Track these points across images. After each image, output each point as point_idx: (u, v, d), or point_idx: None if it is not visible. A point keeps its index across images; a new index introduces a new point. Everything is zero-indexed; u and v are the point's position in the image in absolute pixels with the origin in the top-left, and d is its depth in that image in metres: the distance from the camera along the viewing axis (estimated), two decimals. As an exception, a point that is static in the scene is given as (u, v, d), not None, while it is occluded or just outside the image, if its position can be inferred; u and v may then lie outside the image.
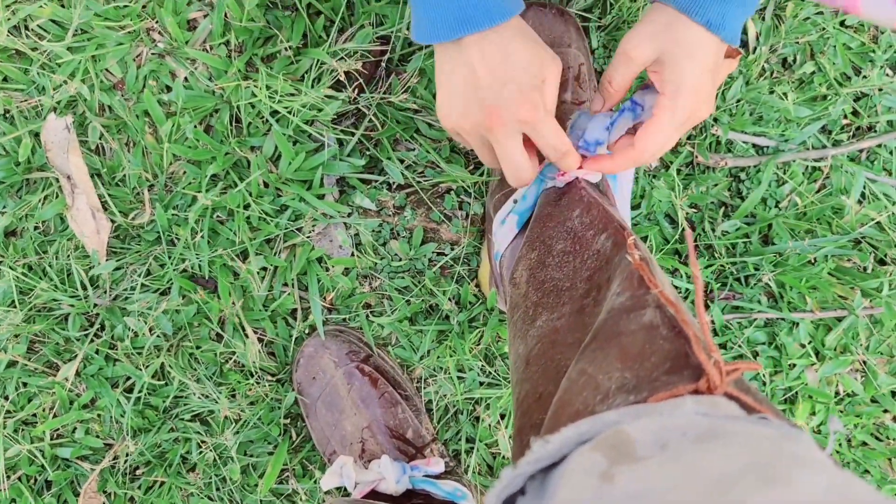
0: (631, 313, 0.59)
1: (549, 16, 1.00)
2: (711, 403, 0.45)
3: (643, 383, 0.50)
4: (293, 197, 1.02)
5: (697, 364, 0.49)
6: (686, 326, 0.52)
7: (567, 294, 0.75)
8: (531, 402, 0.68)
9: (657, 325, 0.55)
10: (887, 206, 1.07)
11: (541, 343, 0.73)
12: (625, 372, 0.53)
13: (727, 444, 0.39)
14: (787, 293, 1.06)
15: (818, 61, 1.07)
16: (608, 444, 0.42)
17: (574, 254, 0.77)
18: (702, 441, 0.40)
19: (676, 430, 0.42)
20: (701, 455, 0.39)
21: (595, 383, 0.55)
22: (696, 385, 0.47)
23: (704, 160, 1.06)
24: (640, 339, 0.55)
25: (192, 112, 1.01)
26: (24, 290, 1.03)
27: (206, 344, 1.04)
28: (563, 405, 0.57)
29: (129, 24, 1.00)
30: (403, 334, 1.06)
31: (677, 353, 0.51)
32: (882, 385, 1.07)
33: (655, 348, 0.53)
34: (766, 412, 0.45)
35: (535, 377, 0.70)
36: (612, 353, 0.56)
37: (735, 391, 0.47)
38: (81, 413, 1.04)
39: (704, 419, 0.42)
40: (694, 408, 0.44)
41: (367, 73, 1.04)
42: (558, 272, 0.78)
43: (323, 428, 1.04)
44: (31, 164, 1.02)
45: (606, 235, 0.74)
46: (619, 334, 0.58)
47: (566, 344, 0.69)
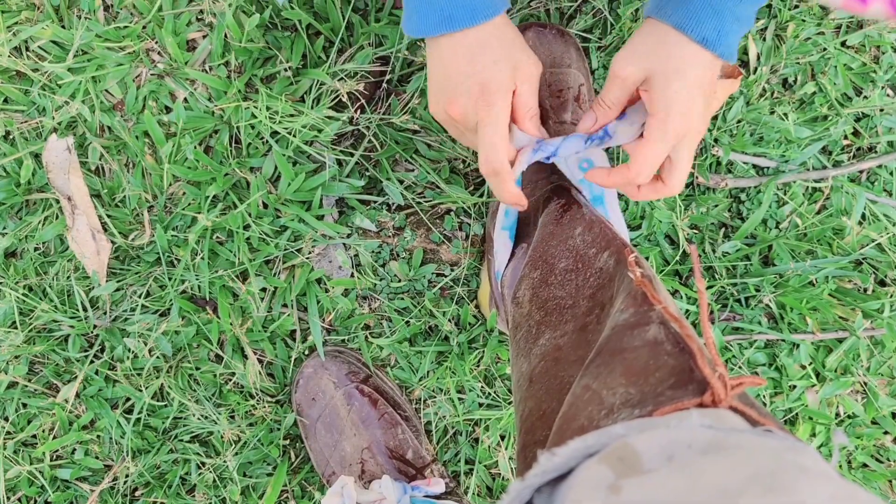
0: (635, 330, 0.59)
1: (549, 36, 0.99)
2: (716, 416, 0.45)
3: (648, 398, 0.50)
4: (292, 218, 1.02)
5: (702, 378, 0.49)
6: (690, 341, 0.52)
7: (570, 312, 0.75)
8: (535, 420, 0.69)
9: (661, 342, 0.55)
10: (888, 226, 1.07)
11: (544, 361, 0.74)
12: (629, 387, 0.53)
13: (732, 456, 0.39)
14: (787, 314, 1.06)
15: (819, 82, 1.07)
16: (615, 456, 0.43)
17: (577, 272, 0.77)
18: (707, 453, 0.41)
19: (682, 443, 0.42)
20: (706, 466, 0.39)
21: (599, 399, 0.55)
22: (701, 399, 0.47)
23: (705, 181, 1.05)
24: (644, 355, 0.55)
25: (192, 133, 1.01)
26: (24, 311, 1.03)
27: (206, 365, 1.04)
28: (568, 420, 0.57)
29: (130, 44, 1.00)
30: (403, 355, 1.06)
31: (681, 368, 0.51)
32: (883, 406, 1.07)
33: (660, 364, 0.53)
34: (770, 425, 0.46)
35: (539, 395, 0.71)
36: (616, 369, 0.57)
37: (739, 405, 0.47)
38: (81, 434, 1.04)
39: (709, 431, 0.43)
40: (699, 420, 0.44)
41: (366, 94, 1.04)
42: (561, 290, 0.78)
43: (322, 449, 1.04)
44: (32, 185, 1.02)
45: (609, 253, 0.74)
46: (622, 350, 0.58)
47: (569, 361, 0.69)
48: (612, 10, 1.04)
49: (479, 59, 0.72)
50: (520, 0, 1.04)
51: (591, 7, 1.04)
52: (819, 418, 1.06)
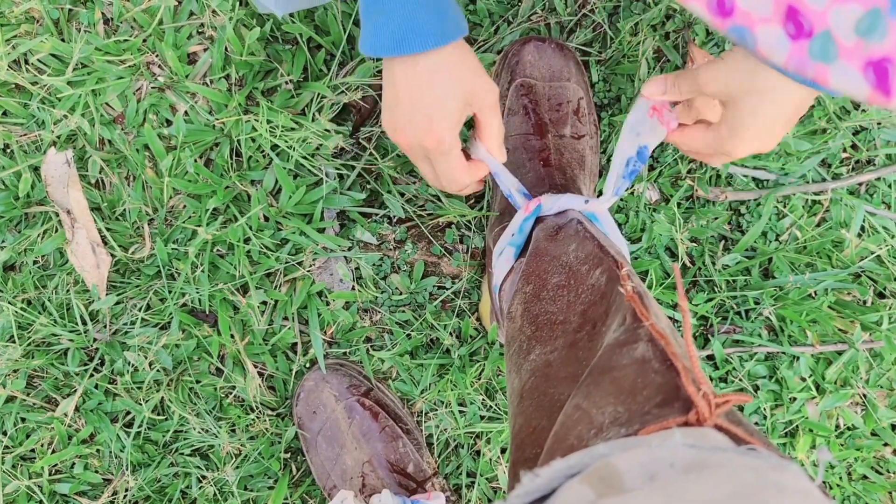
0: (624, 347, 0.59)
1: (549, 50, 1.00)
2: (700, 435, 0.45)
3: (635, 417, 0.51)
4: (293, 231, 1.02)
5: (687, 397, 0.49)
6: (675, 359, 0.52)
7: (560, 328, 0.75)
8: (525, 437, 0.69)
9: (649, 359, 0.55)
10: (887, 239, 1.07)
11: (534, 377, 0.74)
12: (618, 406, 0.53)
13: (713, 474, 0.40)
14: (787, 327, 1.06)
15: (818, 95, 1.07)
16: (596, 476, 0.43)
17: (568, 288, 0.77)
18: (689, 472, 0.41)
19: (664, 462, 0.42)
20: (687, 485, 0.39)
21: (589, 418, 0.55)
22: (686, 417, 0.47)
23: (705, 194, 1.06)
24: (633, 373, 0.55)
25: (193, 146, 1.01)
26: (22, 325, 1.02)
27: (206, 378, 1.04)
28: (559, 440, 0.57)
29: (130, 58, 1.00)
30: (404, 368, 1.06)
31: (668, 386, 0.51)
32: (882, 418, 1.07)
33: (647, 382, 0.53)
34: (756, 444, 0.46)
35: (529, 411, 0.71)
36: (605, 387, 0.57)
37: (725, 423, 0.47)
38: (80, 448, 1.04)
39: (692, 451, 0.43)
40: (682, 440, 0.44)
41: (367, 107, 1.04)
42: (552, 305, 0.78)
43: (323, 462, 1.03)
44: (31, 198, 1.02)
45: (601, 270, 0.74)
46: (612, 369, 0.58)
47: (559, 378, 0.69)
48: (612, 25, 1.04)
49: (428, 91, 0.71)
50: (520, 14, 1.04)
51: (590, 21, 1.04)
52: (819, 430, 1.06)
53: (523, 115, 0.97)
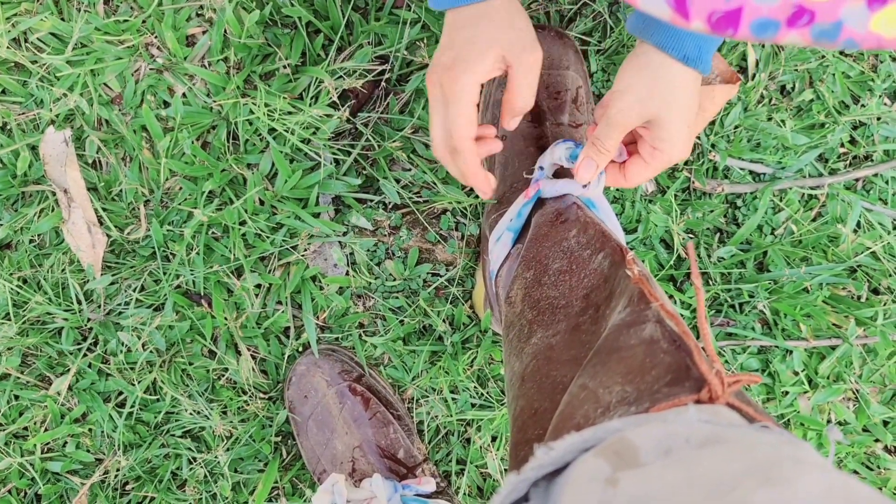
0: (631, 328, 0.59)
1: (548, 38, 0.99)
2: (714, 412, 0.45)
3: (644, 395, 0.50)
4: (289, 215, 1.02)
5: (699, 375, 0.49)
6: (688, 337, 0.52)
7: (562, 312, 0.75)
8: (527, 418, 0.69)
9: (657, 339, 0.55)
10: (883, 235, 1.07)
11: (536, 360, 0.74)
12: (625, 385, 0.53)
13: (729, 449, 0.39)
14: (781, 321, 1.06)
15: (817, 89, 1.07)
16: (612, 450, 0.42)
17: (570, 273, 0.77)
18: (704, 446, 0.41)
19: (680, 437, 0.42)
20: (703, 459, 0.39)
21: (596, 397, 0.55)
22: (698, 395, 0.47)
23: (701, 186, 1.06)
24: (641, 353, 0.55)
25: (190, 128, 1.01)
26: (17, 303, 1.03)
27: (199, 360, 1.04)
28: (565, 419, 0.57)
29: (129, 38, 1.00)
30: (396, 354, 1.06)
31: (678, 365, 0.51)
32: (874, 414, 1.07)
33: (656, 362, 0.53)
34: (767, 422, 0.46)
35: (531, 393, 0.71)
36: (612, 367, 0.57)
37: (736, 402, 0.47)
38: (73, 427, 1.04)
39: (707, 426, 0.43)
40: (697, 415, 0.44)
41: (365, 92, 1.04)
42: (554, 290, 0.78)
43: (314, 447, 1.04)
44: (28, 177, 1.02)
45: (604, 255, 0.74)
46: (619, 349, 0.58)
47: (561, 361, 0.69)
48: (612, 14, 1.04)
49: (464, 33, 0.73)
50: (521, 3, 1.04)
51: (591, 10, 1.04)
52: (811, 424, 1.06)
53: None
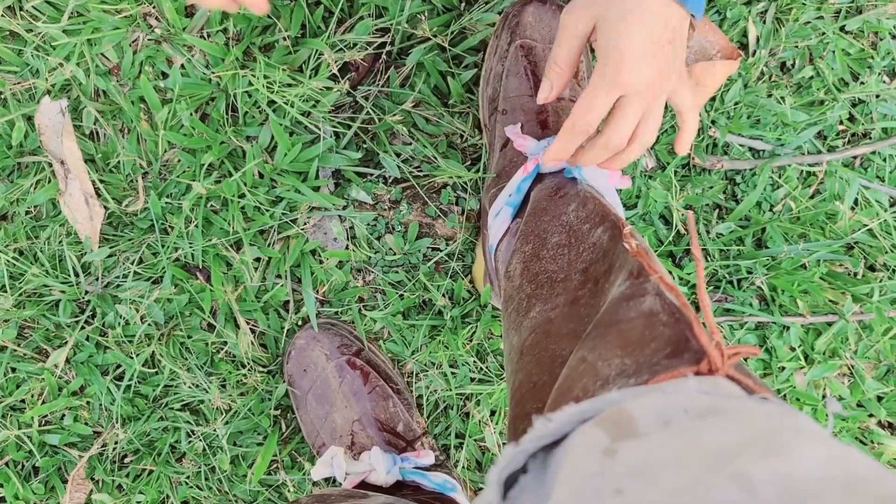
0: (630, 301, 0.59)
1: (549, 11, 0.99)
2: (713, 384, 0.45)
3: (643, 368, 0.51)
4: (288, 188, 1.01)
5: (698, 348, 0.49)
6: (687, 309, 0.52)
7: (561, 285, 0.75)
8: (525, 392, 0.69)
9: (657, 312, 0.55)
10: (880, 212, 1.07)
11: (534, 333, 0.74)
12: (624, 358, 0.53)
13: (729, 419, 0.40)
14: (778, 297, 1.07)
15: (817, 66, 1.07)
16: (610, 421, 0.43)
17: (569, 247, 0.77)
18: (704, 417, 0.41)
19: (679, 408, 0.42)
20: (703, 430, 0.39)
21: (594, 370, 0.55)
22: (698, 367, 0.47)
23: (701, 162, 1.06)
24: (640, 326, 0.55)
25: (189, 99, 1.00)
26: (14, 275, 1.02)
27: (198, 334, 1.04)
28: (563, 392, 0.57)
29: (127, 7, 0.99)
30: (396, 329, 1.06)
31: (678, 337, 0.51)
32: (869, 389, 1.08)
33: (655, 334, 0.53)
34: (766, 394, 0.46)
35: (529, 367, 0.71)
36: (611, 340, 0.57)
37: (736, 373, 0.47)
38: (70, 400, 1.04)
39: (706, 397, 0.43)
40: (696, 386, 0.44)
41: (365, 65, 1.03)
42: (552, 264, 0.78)
43: (313, 420, 1.04)
44: (24, 147, 1.01)
45: (603, 229, 0.74)
46: (618, 322, 0.58)
47: (560, 334, 0.69)
48: (615, -12, 1.04)
49: None
50: (522, -25, 1.03)
51: (593, -16, 1.03)
52: (807, 400, 1.07)
53: (523, 77, 0.97)
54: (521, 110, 0.96)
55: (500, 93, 0.98)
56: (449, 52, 1.03)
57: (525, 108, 0.96)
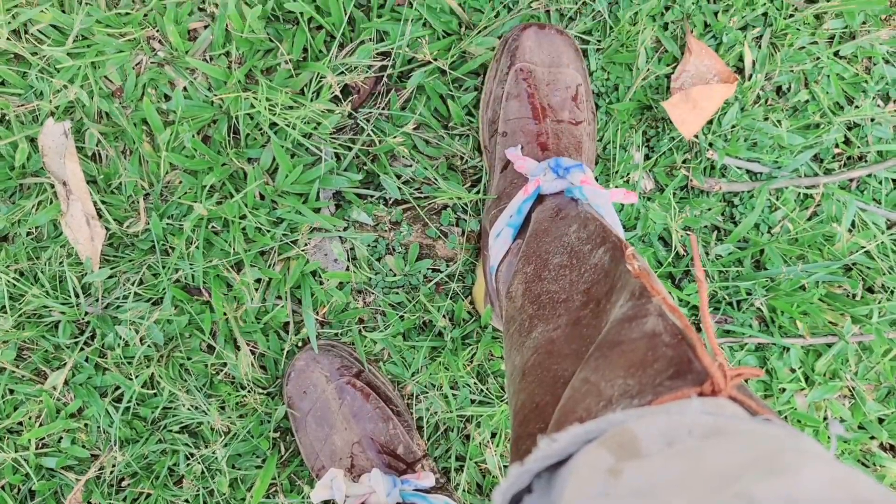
0: (633, 322, 0.59)
1: (549, 35, 1.00)
2: (716, 405, 0.45)
3: (646, 389, 0.51)
4: (289, 210, 1.02)
5: (700, 369, 0.49)
6: (689, 331, 0.53)
7: (563, 306, 0.75)
8: (528, 412, 0.68)
9: (659, 333, 0.55)
10: (877, 234, 1.08)
11: (536, 354, 0.74)
12: (627, 379, 0.53)
13: (732, 440, 0.40)
14: (778, 318, 1.07)
15: (812, 90, 1.08)
16: (615, 441, 0.43)
17: (571, 267, 0.78)
18: (707, 438, 0.41)
19: (682, 428, 0.42)
20: (706, 450, 0.39)
21: (598, 391, 0.55)
22: (701, 388, 0.47)
23: (699, 184, 1.07)
24: (643, 347, 0.55)
25: (191, 121, 1.01)
26: (14, 296, 1.02)
27: (197, 355, 1.04)
28: (567, 413, 0.57)
29: (131, 31, 1.00)
30: (396, 350, 1.06)
31: (680, 359, 0.51)
32: (870, 411, 1.08)
33: (658, 355, 0.53)
34: (768, 415, 0.46)
35: (532, 387, 0.71)
36: (614, 361, 0.57)
37: (738, 395, 0.47)
38: (68, 422, 1.03)
39: (710, 418, 0.43)
40: (700, 407, 0.44)
41: (367, 88, 1.04)
42: (554, 285, 0.79)
43: (312, 443, 1.03)
44: (26, 169, 1.01)
45: (604, 249, 0.74)
46: (620, 343, 0.58)
47: (562, 355, 0.70)
48: (612, 14, 1.05)
49: None
50: (520, 1, 1.05)
51: (590, 10, 1.05)
52: (808, 422, 1.07)
53: (522, 99, 0.98)
54: (521, 133, 0.98)
55: (499, 115, 0.99)
56: (449, 75, 1.04)
57: (525, 131, 0.97)
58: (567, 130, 0.98)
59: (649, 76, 1.06)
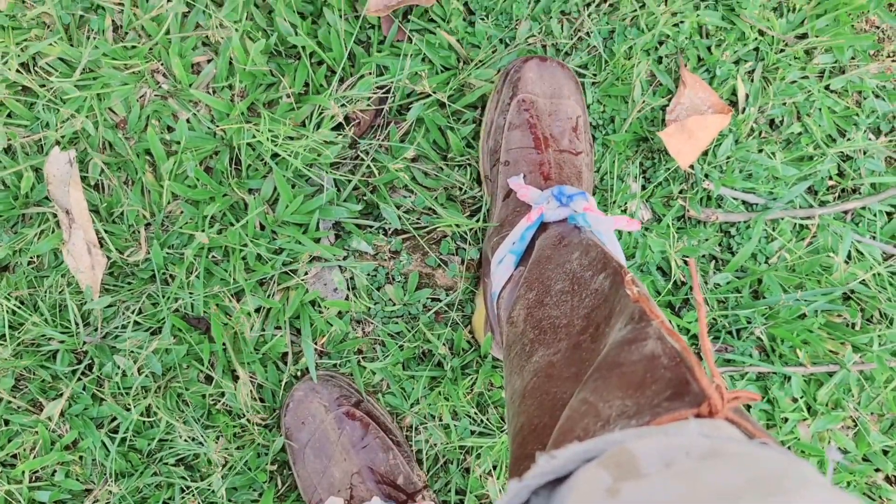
0: (632, 345, 0.59)
1: (551, 68, 1.03)
2: (714, 426, 0.45)
3: (644, 409, 0.51)
4: (289, 239, 1.02)
5: (698, 391, 0.49)
6: (688, 353, 0.53)
7: (564, 330, 0.76)
8: (527, 434, 0.68)
9: (658, 355, 0.55)
10: (874, 265, 1.09)
11: (536, 377, 0.74)
12: (626, 400, 0.53)
13: (730, 463, 0.40)
14: (778, 346, 1.07)
15: (804, 122, 1.10)
16: (613, 461, 0.43)
17: (572, 293, 0.78)
18: (705, 459, 0.41)
19: (680, 449, 0.42)
20: (705, 471, 0.39)
21: (596, 411, 0.55)
22: (698, 409, 0.48)
23: (696, 214, 1.08)
24: (641, 369, 0.55)
25: (194, 152, 1.02)
26: (13, 324, 1.01)
27: (195, 386, 1.03)
28: (565, 432, 0.57)
29: (136, 63, 1.02)
30: (395, 380, 1.05)
31: (678, 380, 0.52)
32: (874, 442, 1.07)
33: (657, 377, 0.53)
34: (766, 439, 0.46)
35: (531, 410, 0.71)
36: (612, 382, 0.57)
37: (736, 417, 0.48)
38: (63, 454, 1.02)
39: (707, 440, 0.43)
40: (698, 429, 0.44)
41: (367, 119, 1.06)
42: (556, 310, 0.79)
43: (310, 475, 1.01)
44: (29, 198, 1.02)
45: (605, 275, 0.75)
46: (619, 364, 0.58)
47: (562, 378, 0.70)
48: (607, 48, 1.08)
49: None
50: (518, 36, 1.07)
51: (586, 44, 1.08)
52: (811, 452, 1.06)
53: (525, 129, 1.00)
54: (523, 162, 0.99)
55: (501, 145, 1.01)
56: (448, 108, 1.06)
57: (528, 160, 0.99)
58: (568, 160, 1.00)
59: (645, 108, 1.08)
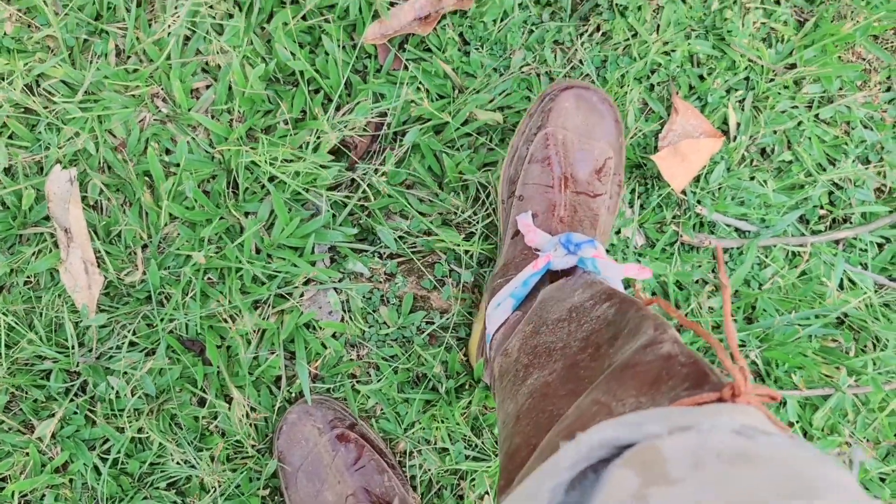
0: (647, 348, 0.59)
1: (590, 103, 0.98)
2: (744, 413, 0.44)
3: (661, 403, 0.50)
4: (285, 262, 1.03)
5: (717, 382, 0.49)
6: (709, 337, 0.53)
7: (560, 352, 0.75)
8: (524, 454, 0.67)
9: (675, 355, 0.55)
10: (868, 293, 1.09)
11: (532, 398, 0.73)
12: (640, 397, 0.53)
13: (761, 467, 0.40)
14: (773, 370, 1.07)
15: (795, 151, 1.12)
16: (639, 459, 0.42)
17: (570, 320, 0.77)
18: (735, 463, 0.40)
19: (711, 451, 0.41)
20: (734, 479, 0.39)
21: (608, 410, 0.54)
22: (720, 393, 0.47)
23: (690, 239, 1.08)
24: (657, 368, 0.55)
25: (192, 174, 1.03)
26: (8, 343, 1.01)
27: (188, 408, 1.02)
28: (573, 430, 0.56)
29: (137, 85, 1.04)
30: (389, 403, 1.05)
31: (697, 374, 0.51)
32: (871, 469, 1.06)
33: (673, 373, 0.53)
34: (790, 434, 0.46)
35: (527, 430, 0.70)
36: (626, 382, 0.56)
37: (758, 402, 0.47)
38: (53, 477, 1.00)
39: (739, 439, 0.42)
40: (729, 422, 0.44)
41: (364, 143, 1.07)
42: (551, 336, 0.78)
43: (303, 499, 1.00)
44: (28, 218, 1.03)
45: (609, 304, 0.74)
46: (634, 365, 0.58)
47: (558, 395, 0.69)
48: (600, 76, 1.10)
49: None
50: (512, 65, 1.09)
51: (579, 73, 1.10)
52: (808, 477, 1.05)
53: (545, 166, 0.96)
54: (538, 199, 0.96)
55: (520, 177, 0.97)
56: (445, 132, 1.07)
57: (542, 199, 0.96)
58: (584, 203, 0.96)
59: (637, 135, 1.09)
